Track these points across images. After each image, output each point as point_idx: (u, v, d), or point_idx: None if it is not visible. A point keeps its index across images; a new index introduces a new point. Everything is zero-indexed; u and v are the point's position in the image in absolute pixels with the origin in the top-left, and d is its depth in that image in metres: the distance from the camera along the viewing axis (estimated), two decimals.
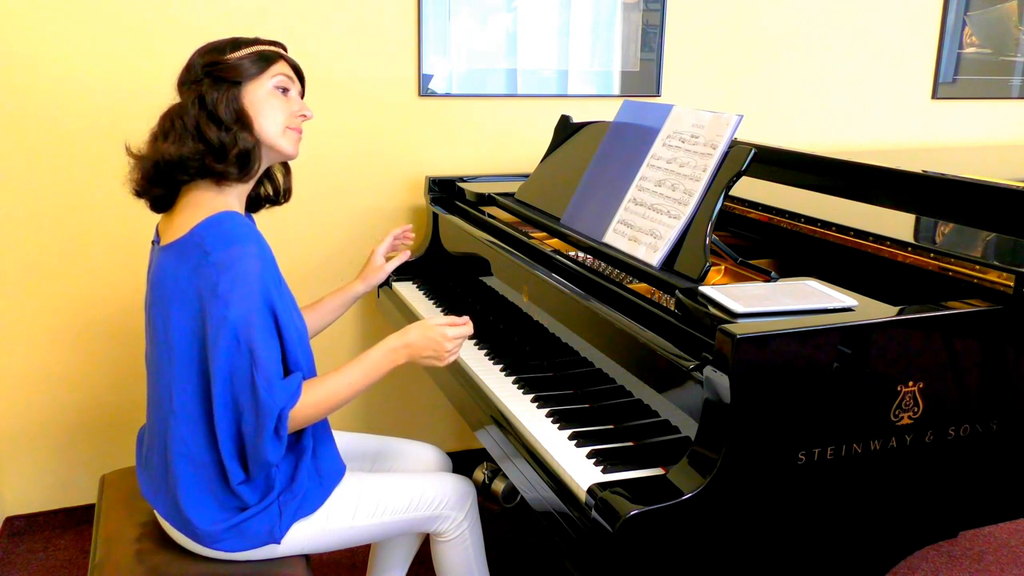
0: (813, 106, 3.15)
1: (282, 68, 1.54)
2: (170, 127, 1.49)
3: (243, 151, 1.49)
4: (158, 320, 1.48)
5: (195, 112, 1.47)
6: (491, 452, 1.66)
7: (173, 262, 1.45)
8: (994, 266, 1.40)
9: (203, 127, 1.46)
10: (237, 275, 1.39)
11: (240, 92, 1.50)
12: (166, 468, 1.51)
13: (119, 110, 2.34)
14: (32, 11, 2.23)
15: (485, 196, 2.35)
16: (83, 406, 2.51)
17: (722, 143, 1.59)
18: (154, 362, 1.52)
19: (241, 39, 1.54)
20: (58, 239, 2.38)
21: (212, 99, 1.48)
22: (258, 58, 1.51)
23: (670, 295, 1.52)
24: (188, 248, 1.44)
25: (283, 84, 1.54)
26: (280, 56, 1.55)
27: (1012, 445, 1.43)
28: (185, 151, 1.46)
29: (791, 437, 1.25)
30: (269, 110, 1.52)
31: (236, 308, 1.39)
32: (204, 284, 1.41)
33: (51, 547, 2.48)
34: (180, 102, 1.51)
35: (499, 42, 2.67)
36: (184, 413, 1.47)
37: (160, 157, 1.47)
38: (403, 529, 1.70)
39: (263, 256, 1.43)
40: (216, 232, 1.42)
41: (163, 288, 1.46)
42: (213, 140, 1.46)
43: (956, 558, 2.48)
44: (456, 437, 2.92)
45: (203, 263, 1.41)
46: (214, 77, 1.49)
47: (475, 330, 2.05)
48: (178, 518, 1.52)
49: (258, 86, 1.51)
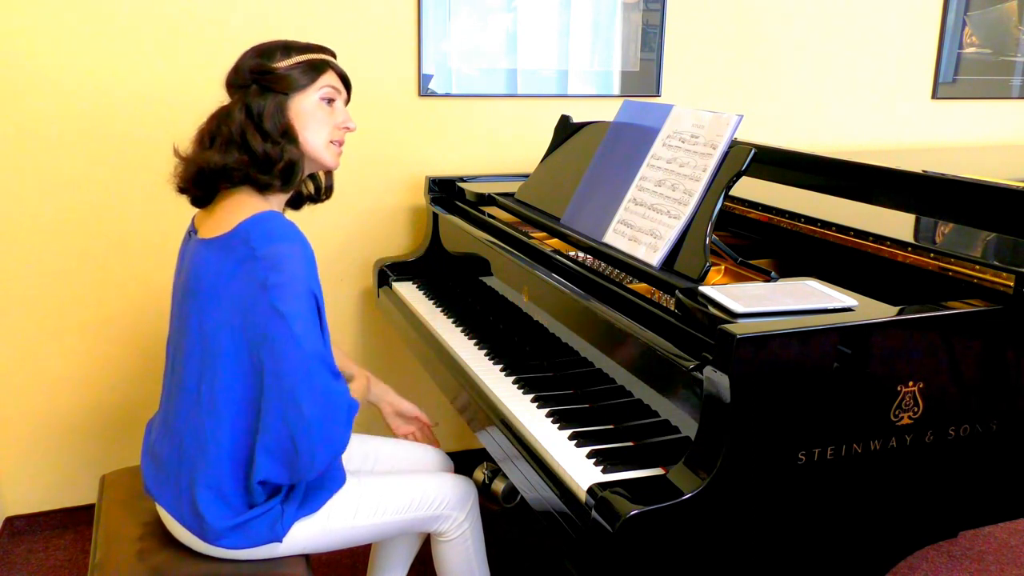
0: (813, 106, 3.15)
1: (330, 79, 1.56)
2: (216, 133, 1.50)
3: (288, 164, 1.50)
4: (192, 311, 1.48)
5: (241, 120, 1.48)
6: (491, 452, 1.66)
7: (216, 256, 1.46)
8: (994, 266, 1.40)
9: (249, 137, 1.48)
10: (286, 271, 1.41)
11: (287, 102, 1.51)
12: (180, 459, 1.51)
13: (120, 111, 2.35)
14: (37, 12, 2.23)
15: (485, 196, 2.35)
16: (83, 406, 2.51)
17: (722, 143, 1.59)
18: (181, 352, 1.52)
19: (292, 44, 1.55)
20: (59, 239, 2.38)
21: (259, 108, 1.49)
22: (307, 68, 1.52)
23: (670, 295, 1.52)
24: (233, 244, 1.44)
25: (330, 95, 1.56)
26: (329, 65, 1.56)
27: (1012, 445, 1.43)
28: (230, 161, 1.47)
29: (791, 437, 1.25)
30: (314, 123, 1.54)
31: (289, 304, 1.40)
32: (251, 279, 1.41)
33: (51, 547, 2.48)
34: (227, 107, 1.52)
35: (499, 42, 2.67)
36: (212, 406, 1.47)
37: (205, 164, 1.48)
38: (404, 529, 1.70)
39: (307, 256, 1.45)
40: (262, 229, 1.44)
41: (201, 280, 1.47)
42: (258, 151, 1.48)
43: (956, 558, 2.48)
44: (456, 437, 2.92)
45: (249, 259, 1.42)
46: (261, 85, 1.50)
47: (475, 330, 2.06)
48: (183, 511, 1.52)
49: (305, 97, 1.53)
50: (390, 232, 2.70)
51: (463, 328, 2.07)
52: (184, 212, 1.61)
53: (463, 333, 2.05)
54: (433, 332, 2.09)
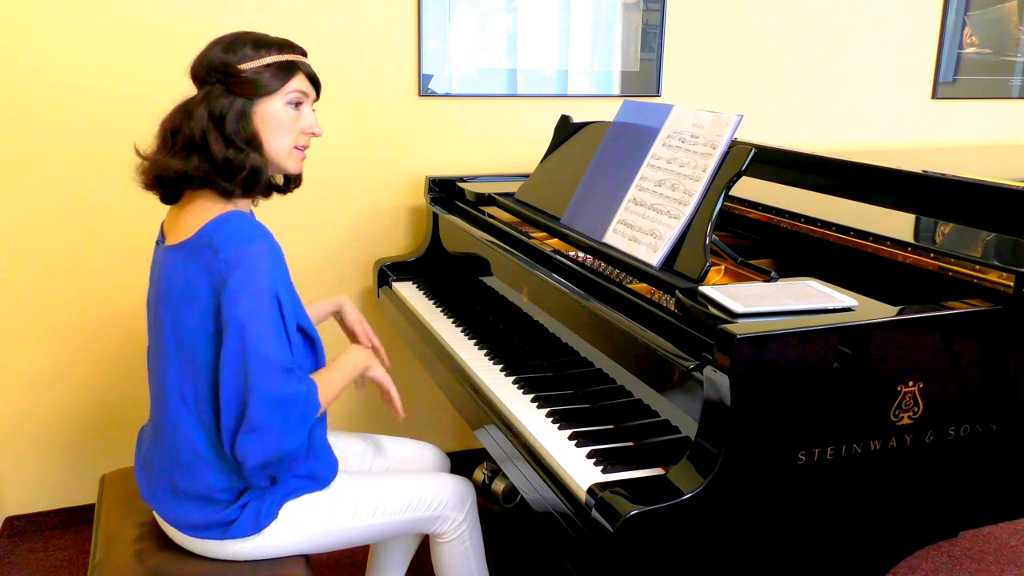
0: (813, 106, 3.15)
1: (299, 82, 1.49)
2: (177, 131, 1.45)
3: (251, 172, 1.45)
4: (166, 318, 1.47)
5: (203, 122, 1.42)
6: (491, 452, 1.66)
7: (181, 262, 1.45)
8: (994, 266, 1.40)
9: (211, 141, 1.42)
10: (247, 272, 1.38)
11: (252, 107, 1.45)
12: (171, 465, 1.51)
13: (120, 111, 2.34)
14: (34, 13, 2.23)
15: (485, 196, 2.35)
16: (83, 406, 2.51)
17: (722, 143, 1.59)
18: (160, 360, 1.51)
19: (262, 39, 1.48)
20: (58, 239, 2.38)
21: (222, 110, 1.43)
22: (277, 71, 1.46)
23: (670, 295, 1.52)
24: (197, 248, 1.43)
25: (297, 99, 1.49)
26: (299, 67, 1.49)
27: (1012, 445, 1.43)
28: (190, 168, 1.43)
29: (791, 437, 1.25)
30: (279, 129, 1.48)
31: (245, 305, 1.38)
32: (214, 282, 1.40)
33: (51, 547, 2.48)
34: (189, 103, 1.46)
35: (499, 42, 2.67)
36: (195, 408, 1.47)
37: (164, 171, 1.44)
38: (403, 530, 1.70)
39: (272, 253, 1.42)
40: (225, 231, 1.42)
41: (171, 287, 1.46)
42: (219, 157, 1.42)
43: (956, 558, 2.48)
44: (456, 437, 2.92)
45: (213, 261, 1.40)
46: (227, 85, 1.44)
47: (475, 330, 2.05)
48: (178, 517, 1.52)
49: (272, 102, 1.46)
50: (390, 232, 2.70)
51: (463, 328, 2.07)
52: None
53: (463, 333, 2.04)
54: (433, 332, 2.09)
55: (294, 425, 1.43)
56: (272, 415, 1.40)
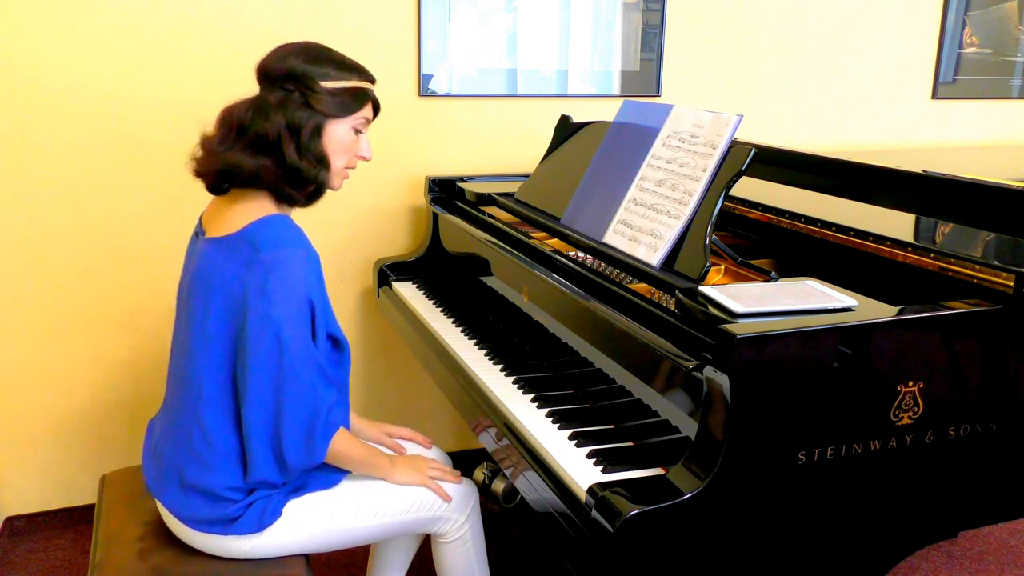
0: (813, 106, 3.15)
1: (368, 111, 1.56)
2: (249, 126, 1.47)
3: (317, 188, 1.52)
4: (197, 309, 1.49)
5: (279, 128, 1.46)
6: (491, 452, 1.66)
7: (221, 256, 1.47)
8: (994, 266, 1.40)
9: (285, 149, 1.46)
10: (284, 276, 1.42)
11: (324, 125, 1.50)
12: (184, 455, 1.52)
13: (121, 112, 2.34)
14: (34, 14, 2.23)
15: (485, 196, 2.35)
16: (83, 406, 2.51)
17: (722, 143, 1.59)
18: (186, 350, 1.52)
19: (344, 61, 1.54)
20: (60, 240, 2.38)
21: (299, 121, 1.47)
22: (352, 99, 1.52)
23: (670, 295, 1.52)
24: (238, 245, 1.45)
25: (361, 127, 1.56)
26: (370, 97, 1.56)
27: (1012, 445, 1.43)
28: (262, 171, 1.46)
29: (791, 437, 1.25)
30: (340, 150, 1.54)
31: (280, 307, 1.41)
32: (251, 281, 1.42)
33: (51, 547, 2.48)
34: (263, 101, 1.48)
35: (499, 42, 2.67)
36: (215, 402, 1.49)
37: (235, 166, 1.46)
38: (404, 530, 1.70)
39: (310, 260, 1.45)
40: (268, 232, 1.45)
41: (207, 279, 1.48)
42: (290, 164, 1.47)
43: (956, 558, 2.48)
44: (456, 437, 2.92)
45: (253, 261, 1.43)
46: (305, 99, 1.48)
47: (475, 330, 2.05)
48: (182, 507, 1.53)
49: (341, 124, 1.52)
50: (390, 232, 2.70)
51: (463, 328, 2.07)
52: (184, 214, 1.62)
53: (463, 333, 2.05)
54: (433, 332, 2.09)
55: (307, 435, 1.47)
56: (294, 418, 1.44)
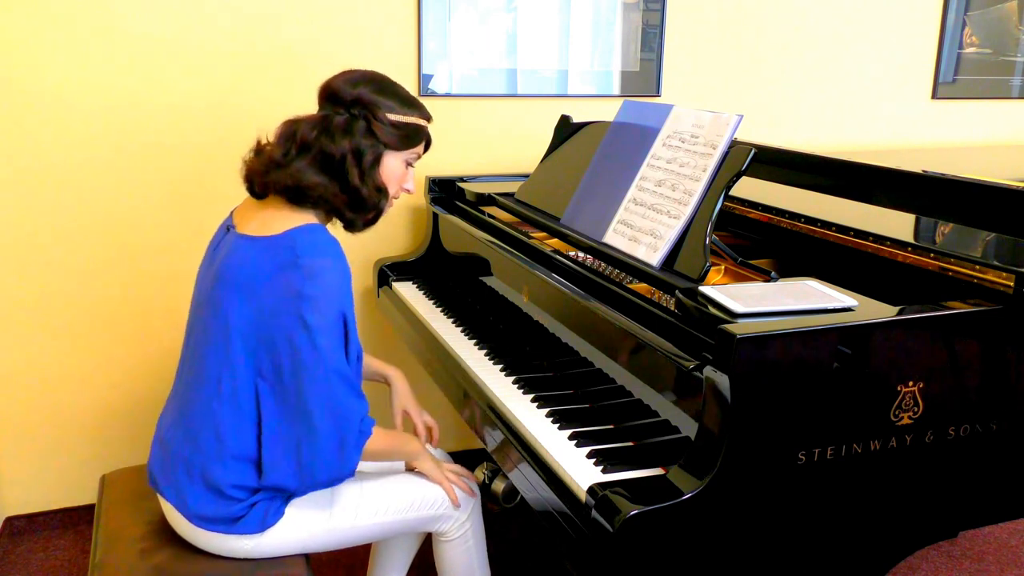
0: (813, 106, 3.15)
1: (421, 148, 1.62)
2: (309, 147, 1.50)
3: (376, 215, 1.57)
4: (222, 302, 1.49)
5: (344, 151, 1.50)
6: (491, 452, 1.66)
7: (258, 254, 1.48)
8: (994, 266, 1.40)
9: (349, 173, 1.51)
10: (322, 284, 1.43)
11: (383, 156, 1.55)
12: (191, 447, 1.52)
13: (122, 112, 2.34)
14: (33, 14, 2.23)
15: (485, 196, 2.35)
16: (83, 406, 2.51)
17: (722, 143, 1.59)
18: (204, 341, 1.52)
19: (407, 97, 1.59)
20: (60, 239, 2.38)
21: (362, 148, 1.52)
22: (412, 134, 1.57)
23: (670, 295, 1.52)
24: (278, 247, 1.46)
25: (412, 161, 1.61)
26: (426, 134, 1.61)
27: (1012, 445, 1.43)
28: (327, 191, 1.50)
29: (791, 437, 1.25)
30: (391, 181, 1.58)
31: (317, 316, 1.43)
32: (287, 285, 1.43)
33: (51, 547, 2.48)
34: (327, 126, 1.51)
35: (499, 42, 2.67)
36: (229, 398, 1.49)
37: (299, 181, 1.49)
38: (405, 529, 1.70)
39: (345, 274, 1.48)
40: (310, 240, 1.47)
41: (237, 274, 1.48)
42: (352, 186, 1.51)
43: (956, 558, 2.48)
44: (456, 437, 2.92)
45: (290, 266, 1.44)
46: (369, 127, 1.52)
47: (475, 330, 2.05)
48: (185, 501, 1.53)
49: (396, 157, 1.58)
50: (390, 232, 2.70)
51: (463, 328, 2.07)
52: (187, 214, 1.62)
53: (463, 333, 2.05)
54: (433, 332, 2.09)
55: (340, 443, 1.48)
56: (335, 425, 1.46)
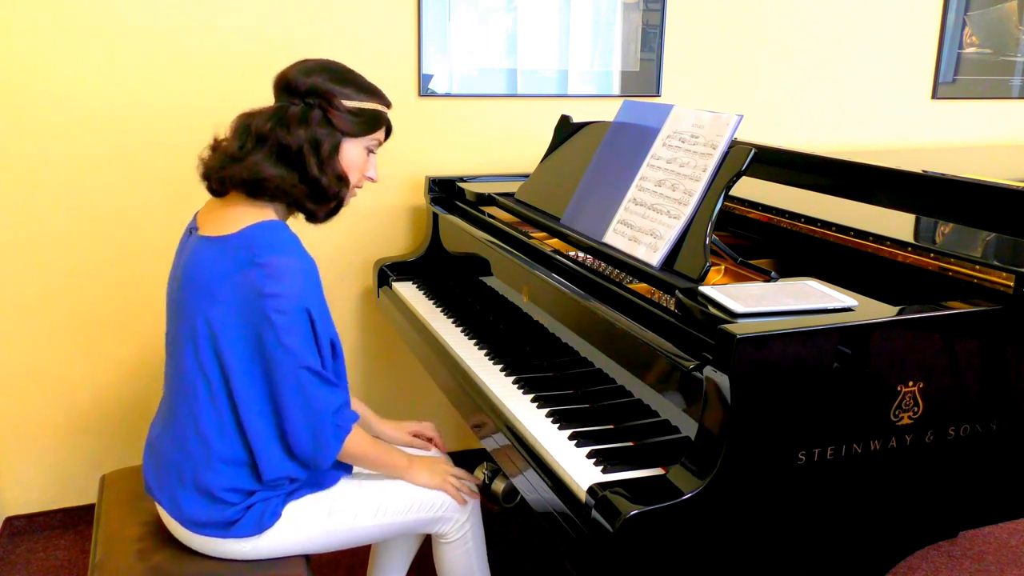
0: (813, 106, 3.15)
1: (381, 134, 1.59)
2: (265, 140, 1.48)
3: (337, 205, 1.55)
4: (188, 306, 1.48)
5: (301, 142, 1.47)
6: (491, 452, 1.66)
7: (214, 255, 1.46)
8: (994, 266, 1.40)
9: (308, 163, 1.48)
10: (282, 282, 1.42)
11: (342, 144, 1.52)
12: (180, 453, 1.52)
13: (120, 111, 2.34)
14: (37, 16, 2.23)
15: (485, 196, 2.35)
16: (83, 406, 2.51)
17: (722, 143, 1.59)
18: (178, 347, 1.52)
19: (364, 84, 1.57)
20: (60, 239, 2.38)
21: (320, 138, 1.48)
22: (370, 119, 1.54)
23: (670, 295, 1.52)
24: (235, 247, 1.45)
25: (373, 148, 1.58)
26: (385, 120, 1.58)
27: (1012, 445, 1.43)
28: (285, 183, 1.47)
29: (791, 437, 1.25)
30: (352, 170, 1.55)
31: (280, 315, 1.42)
32: (247, 284, 1.43)
33: (51, 547, 2.48)
34: (283, 118, 1.48)
35: (499, 42, 2.67)
36: (207, 402, 1.48)
37: (256, 174, 1.46)
38: (405, 530, 1.70)
39: (305, 271, 1.45)
40: (267, 239, 1.45)
41: (199, 277, 1.47)
42: (312, 180, 1.49)
43: (956, 558, 2.48)
44: (456, 437, 2.92)
45: (249, 264, 1.43)
46: (326, 116, 1.49)
47: (475, 330, 2.05)
48: (181, 508, 1.53)
49: (356, 144, 1.54)
50: (390, 232, 2.70)
51: (463, 328, 2.07)
52: (186, 215, 1.62)
53: (463, 333, 2.05)
54: (433, 332, 2.09)
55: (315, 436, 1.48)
56: (306, 419, 1.46)
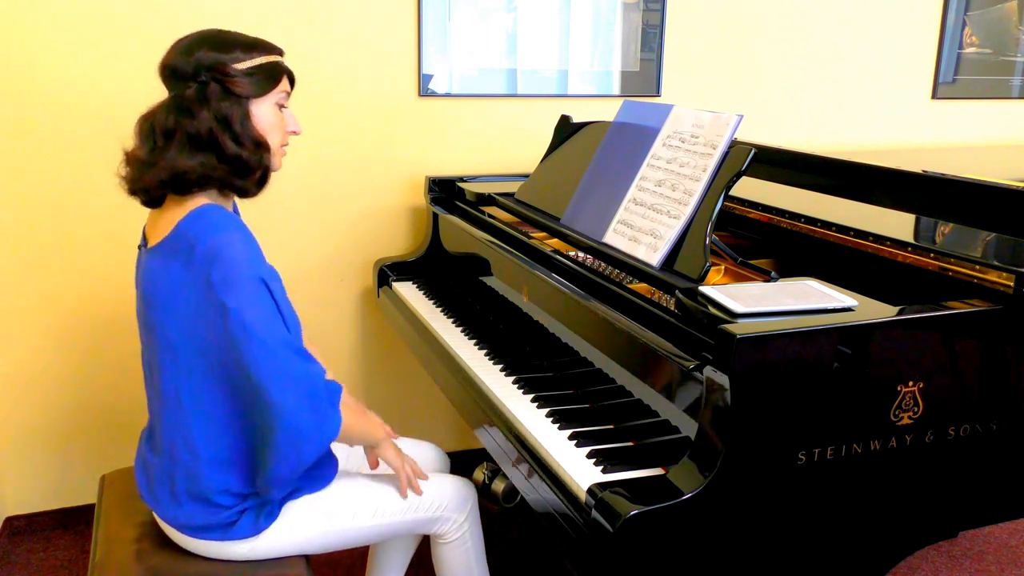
0: (813, 106, 3.15)
1: (285, 84, 1.53)
2: (172, 134, 1.43)
3: (264, 172, 1.49)
4: (154, 322, 1.46)
5: (209, 122, 1.42)
6: (491, 452, 1.66)
7: (161, 263, 1.44)
8: (994, 266, 1.40)
9: (222, 142, 1.43)
10: (227, 261, 1.38)
11: (250, 109, 1.47)
12: (170, 463, 1.51)
13: (116, 110, 2.34)
14: (31, 14, 2.23)
15: (485, 196, 2.35)
16: (83, 406, 2.51)
17: (722, 143, 1.59)
18: (155, 365, 1.50)
19: (248, 41, 1.50)
20: (57, 238, 2.37)
21: (226, 112, 1.43)
22: (268, 75, 1.48)
23: (670, 295, 1.52)
24: (174, 244, 1.42)
25: (283, 102, 1.53)
26: (283, 69, 1.52)
27: (1012, 445, 1.43)
28: (206, 169, 1.43)
29: (791, 437, 1.25)
30: (270, 131, 1.50)
31: (234, 294, 1.37)
32: (196, 278, 1.39)
33: (51, 547, 2.48)
34: (182, 104, 1.43)
35: (499, 42, 2.67)
36: (192, 409, 1.47)
37: (175, 170, 1.42)
38: (403, 530, 1.70)
39: (245, 241, 1.41)
40: (200, 224, 1.41)
41: (156, 289, 1.45)
42: (233, 157, 1.44)
43: (956, 558, 2.47)
44: (456, 437, 2.92)
45: (191, 256, 1.39)
46: (223, 86, 1.44)
47: (475, 330, 2.05)
48: (178, 517, 1.52)
49: (263, 103, 1.49)
50: (390, 232, 2.70)
51: (463, 328, 2.07)
52: None
53: (463, 333, 2.05)
54: (433, 332, 2.09)
55: (312, 404, 1.42)
56: (290, 394, 1.39)
